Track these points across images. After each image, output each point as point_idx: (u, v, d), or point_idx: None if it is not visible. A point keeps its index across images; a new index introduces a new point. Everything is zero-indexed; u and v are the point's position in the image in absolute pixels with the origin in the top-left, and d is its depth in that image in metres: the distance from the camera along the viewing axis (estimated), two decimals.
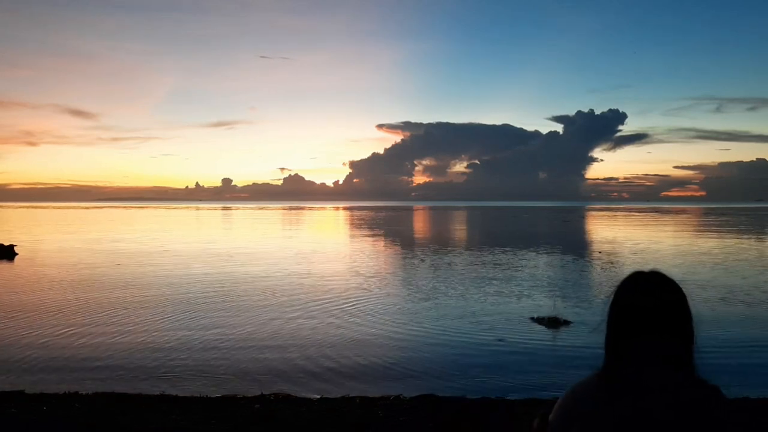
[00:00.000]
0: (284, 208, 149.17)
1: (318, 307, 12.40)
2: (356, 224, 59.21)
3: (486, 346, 9.20)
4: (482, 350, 8.99)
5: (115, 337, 9.85)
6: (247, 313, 11.90)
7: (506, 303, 12.84)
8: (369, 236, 38.85)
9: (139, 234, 40.20)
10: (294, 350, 9.02)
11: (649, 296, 1.52)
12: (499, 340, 9.60)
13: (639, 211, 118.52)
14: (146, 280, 16.82)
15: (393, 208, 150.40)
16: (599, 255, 24.36)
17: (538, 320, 10.97)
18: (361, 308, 12.28)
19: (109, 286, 15.58)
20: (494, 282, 16.20)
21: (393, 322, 10.97)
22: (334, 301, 13.08)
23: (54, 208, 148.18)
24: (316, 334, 10.05)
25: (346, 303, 12.88)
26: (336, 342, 9.50)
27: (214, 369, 8.06)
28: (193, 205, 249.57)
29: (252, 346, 9.28)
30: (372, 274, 17.88)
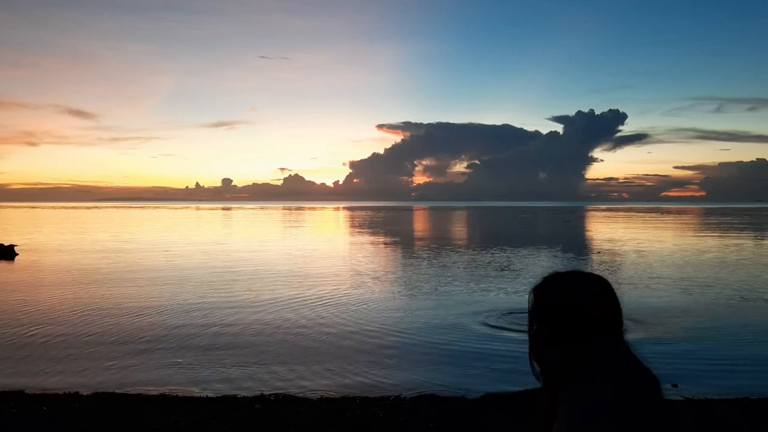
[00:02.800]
0: (284, 209, 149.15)
1: (317, 307, 12.39)
2: (356, 225, 59.22)
3: (486, 346, 9.19)
4: (482, 349, 8.98)
5: (115, 336, 9.84)
6: (247, 313, 11.89)
7: (506, 301, 12.83)
8: (369, 237, 38.84)
9: (138, 234, 40.20)
10: (294, 349, 9.02)
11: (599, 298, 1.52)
12: (500, 339, 9.59)
13: (640, 211, 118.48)
14: (145, 279, 16.81)
15: (393, 209, 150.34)
16: (599, 254, 24.35)
17: None
18: (363, 308, 12.27)
19: (109, 286, 15.57)
20: (494, 281, 16.19)
21: (394, 321, 10.96)
22: (334, 301, 13.08)
23: (54, 208, 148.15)
24: (317, 333, 10.04)
25: (346, 303, 12.87)
26: (336, 341, 9.49)
27: (214, 369, 8.05)
28: (193, 205, 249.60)
29: (252, 345, 9.27)
30: (372, 275, 17.88)
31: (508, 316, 11.31)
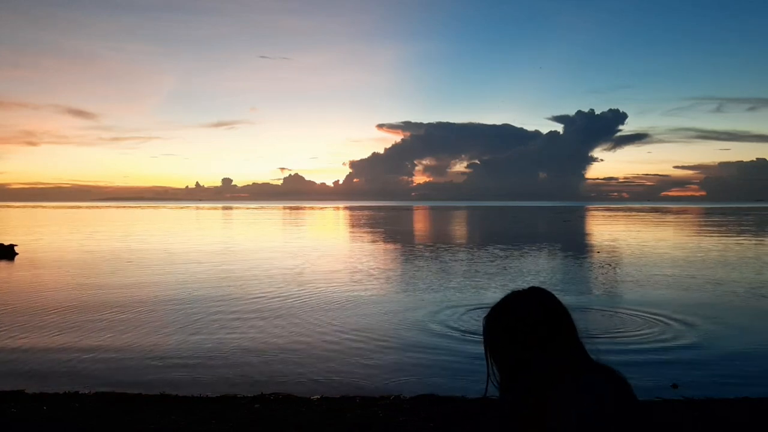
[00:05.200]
0: (284, 208, 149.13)
1: (318, 306, 12.40)
2: (356, 225, 59.22)
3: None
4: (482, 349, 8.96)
5: (115, 336, 9.84)
6: (247, 312, 11.88)
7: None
8: (368, 237, 38.83)
9: (138, 234, 40.19)
10: (294, 350, 9.01)
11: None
12: None
13: (640, 211, 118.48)
14: (145, 279, 16.81)
15: (393, 208, 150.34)
16: (599, 254, 24.34)
17: None
18: (361, 307, 12.26)
19: (109, 285, 15.57)
20: (494, 281, 16.18)
21: (396, 320, 10.96)
22: (334, 299, 13.08)
23: (54, 208, 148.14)
24: (317, 332, 10.04)
25: (346, 302, 12.87)
26: (336, 340, 9.49)
27: (214, 369, 8.05)
28: (193, 204, 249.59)
29: (252, 345, 9.27)
30: (371, 274, 17.86)
31: None
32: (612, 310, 11.86)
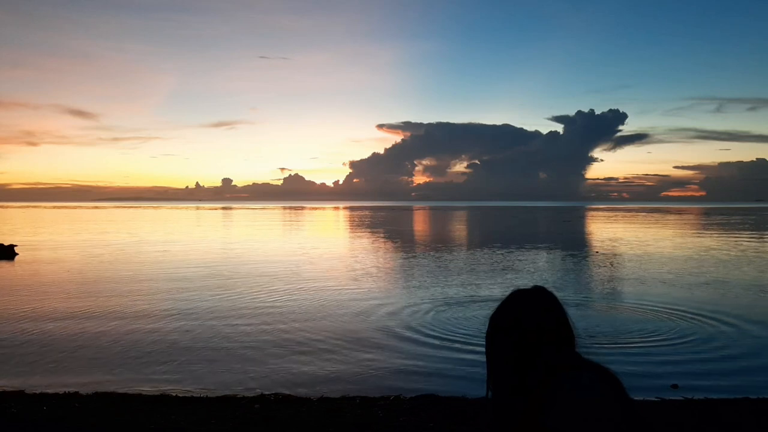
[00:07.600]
0: (284, 208, 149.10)
1: (318, 305, 12.40)
2: (355, 225, 59.20)
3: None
4: (481, 349, 8.96)
5: (115, 336, 9.84)
6: (248, 312, 11.88)
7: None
8: (367, 238, 38.83)
9: (137, 234, 40.17)
10: (294, 350, 9.01)
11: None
12: None
13: (640, 211, 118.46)
14: (144, 279, 16.80)
15: (393, 209, 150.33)
16: (598, 254, 24.33)
17: None
18: (363, 306, 12.27)
19: (109, 285, 15.57)
20: (495, 281, 16.17)
21: (396, 320, 10.96)
22: (333, 299, 13.08)
23: (54, 208, 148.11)
24: (317, 332, 10.04)
25: (346, 301, 12.86)
26: (336, 340, 9.49)
27: (214, 369, 8.05)
28: (193, 205, 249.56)
29: (252, 345, 9.27)
30: (375, 274, 17.87)
31: None
32: (612, 309, 11.86)
